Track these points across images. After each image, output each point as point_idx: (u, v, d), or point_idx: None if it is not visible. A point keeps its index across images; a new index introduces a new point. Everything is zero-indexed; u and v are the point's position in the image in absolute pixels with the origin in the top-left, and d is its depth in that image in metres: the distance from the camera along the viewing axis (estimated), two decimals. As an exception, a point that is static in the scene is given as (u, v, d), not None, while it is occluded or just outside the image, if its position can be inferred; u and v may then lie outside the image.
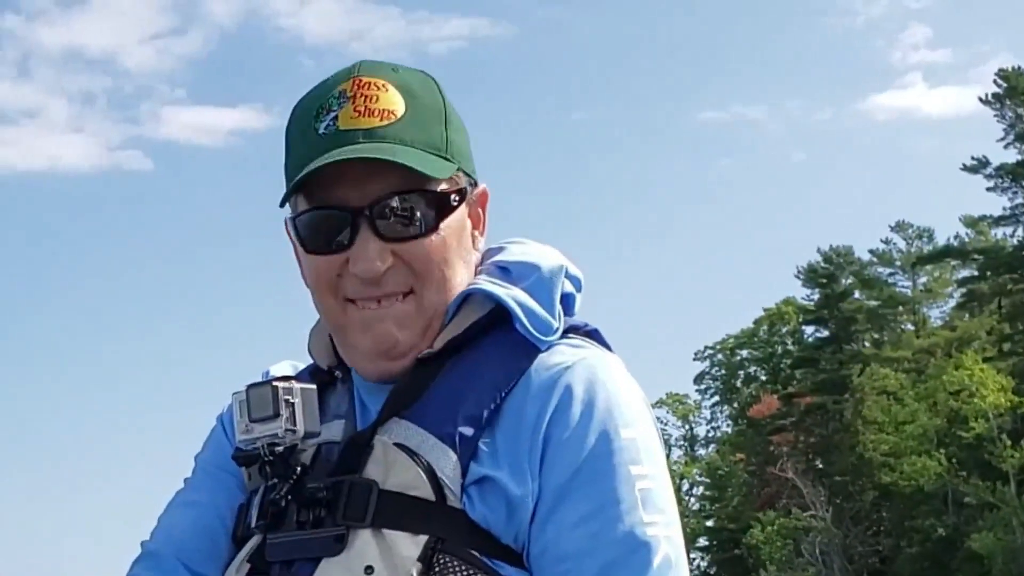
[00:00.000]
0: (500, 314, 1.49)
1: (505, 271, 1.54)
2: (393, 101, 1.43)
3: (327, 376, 1.57)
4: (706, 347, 63.53)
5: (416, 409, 1.45)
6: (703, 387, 64.32)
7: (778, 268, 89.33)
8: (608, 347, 1.56)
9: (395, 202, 1.42)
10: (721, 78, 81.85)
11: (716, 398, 64.31)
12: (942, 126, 77.62)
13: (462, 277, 1.50)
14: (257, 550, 1.47)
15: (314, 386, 1.49)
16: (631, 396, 1.48)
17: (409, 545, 1.39)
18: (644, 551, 1.40)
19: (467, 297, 1.50)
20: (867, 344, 48.58)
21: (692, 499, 63.61)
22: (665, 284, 79.47)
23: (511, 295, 1.48)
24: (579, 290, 1.58)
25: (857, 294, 50.15)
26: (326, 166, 1.40)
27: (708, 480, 59.91)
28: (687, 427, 66.22)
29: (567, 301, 1.55)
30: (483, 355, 1.47)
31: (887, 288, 50.66)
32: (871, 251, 51.57)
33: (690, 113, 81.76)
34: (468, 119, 1.57)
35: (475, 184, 1.54)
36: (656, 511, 1.42)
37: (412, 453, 1.41)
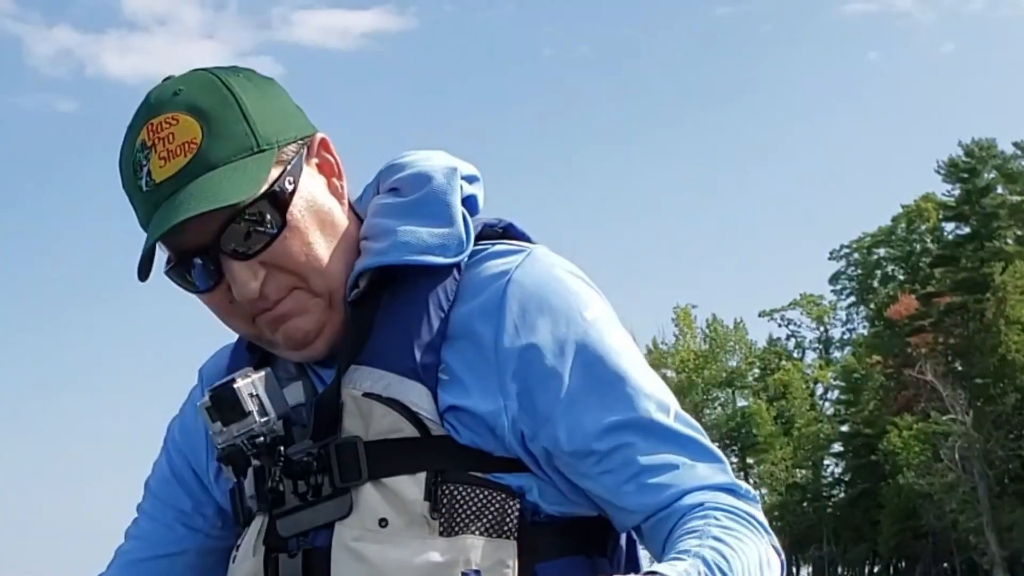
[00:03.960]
0: None
1: (396, 191, 1.60)
2: (188, 131, 1.47)
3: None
4: (842, 246, 62.70)
5: (369, 350, 1.51)
6: (838, 287, 63.58)
7: (917, 163, 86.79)
8: (528, 239, 1.62)
9: (238, 224, 1.47)
10: (863, -35, 78.70)
11: (852, 299, 63.49)
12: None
13: (339, 233, 1.54)
14: (267, 530, 1.54)
15: (268, 369, 1.54)
16: (576, 281, 1.55)
17: (412, 487, 1.46)
18: (662, 414, 1.48)
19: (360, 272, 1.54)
20: (1010, 241, 47.66)
21: (826, 403, 63.18)
22: (800, 181, 77.70)
23: (400, 238, 1.53)
24: (472, 183, 1.61)
25: (1000, 189, 49.52)
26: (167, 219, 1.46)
27: (843, 384, 59.41)
28: (822, 329, 65.62)
29: (470, 203, 1.60)
30: (412, 282, 1.53)
31: (1032, 182, 49.52)
32: (1015, 144, 50.72)
33: (837, 5, 79.10)
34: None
35: (308, 138, 1.55)
36: (646, 372, 1.50)
37: (383, 399, 1.48)
